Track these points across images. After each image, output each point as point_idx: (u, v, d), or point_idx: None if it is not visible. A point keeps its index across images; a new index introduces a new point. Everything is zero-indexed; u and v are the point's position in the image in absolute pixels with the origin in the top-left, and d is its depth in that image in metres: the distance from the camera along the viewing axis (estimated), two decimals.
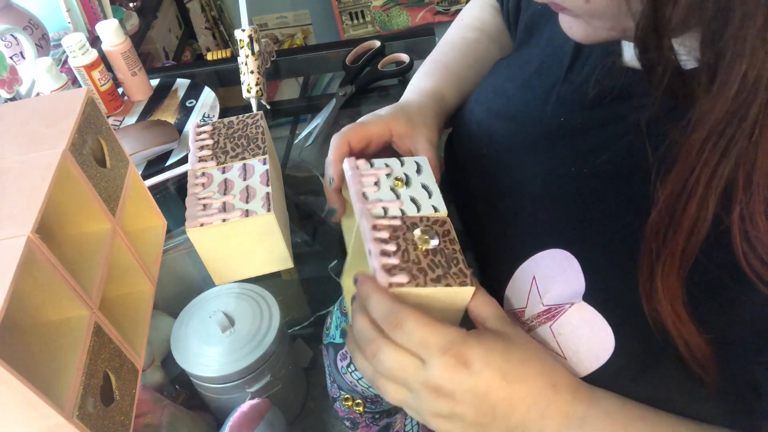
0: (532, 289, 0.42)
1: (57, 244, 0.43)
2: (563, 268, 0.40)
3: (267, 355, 0.50)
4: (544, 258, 0.41)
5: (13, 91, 0.81)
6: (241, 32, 0.78)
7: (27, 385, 0.31)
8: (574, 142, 0.43)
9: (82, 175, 0.42)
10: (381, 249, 0.43)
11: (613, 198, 0.39)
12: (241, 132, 0.60)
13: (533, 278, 0.42)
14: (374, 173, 0.50)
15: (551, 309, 0.40)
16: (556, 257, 0.40)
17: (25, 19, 0.94)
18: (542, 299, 0.40)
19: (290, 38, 1.88)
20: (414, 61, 0.85)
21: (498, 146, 0.50)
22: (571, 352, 0.39)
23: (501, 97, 0.52)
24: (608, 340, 0.37)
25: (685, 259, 0.33)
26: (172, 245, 0.64)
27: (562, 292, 0.39)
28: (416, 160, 0.53)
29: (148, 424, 0.49)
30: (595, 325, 0.37)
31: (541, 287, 0.41)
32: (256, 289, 0.54)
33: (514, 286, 0.43)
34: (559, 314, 0.39)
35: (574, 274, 0.39)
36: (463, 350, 0.36)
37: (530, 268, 0.42)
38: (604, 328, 0.37)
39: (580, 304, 0.38)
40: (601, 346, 0.37)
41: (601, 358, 0.37)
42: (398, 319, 0.37)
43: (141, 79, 0.86)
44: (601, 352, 0.37)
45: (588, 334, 0.38)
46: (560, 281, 0.40)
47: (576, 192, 0.42)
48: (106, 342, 0.41)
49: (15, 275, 0.32)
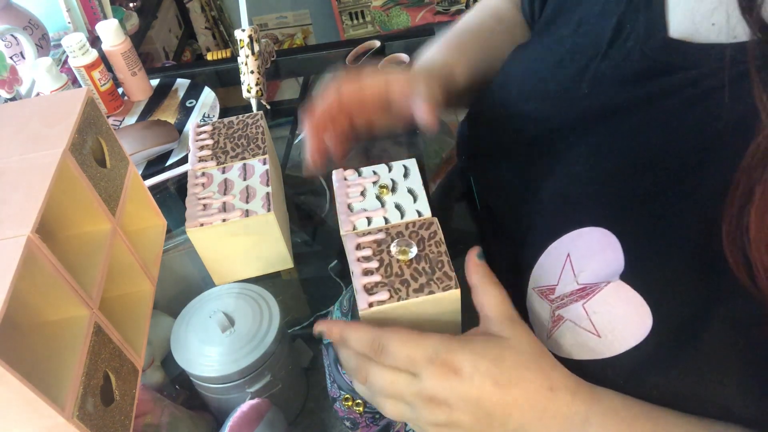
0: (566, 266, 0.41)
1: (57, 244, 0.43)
2: (602, 246, 0.39)
3: (267, 355, 0.50)
4: (582, 236, 0.40)
5: (13, 91, 0.81)
6: (241, 32, 0.78)
7: (27, 385, 0.31)
8: (618, 120, 0.42)
9: (82, 175, 0.42)
10: (362, 269, 0.43)
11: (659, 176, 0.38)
12: (241, 132, 0.60)
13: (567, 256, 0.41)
14: (360, 182, 0.51)
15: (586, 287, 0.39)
16: (595, 235, 0.39)
17: (25, 19, 0.94)
18: (577, 278, 0.40)
19: (290, 38, 1.88)
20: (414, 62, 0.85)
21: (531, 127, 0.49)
22: (606, 330, 0.38)
23: (531, 78, 0.50)
24: (646, 319, 0.36)
25: None
26: (172, 245, 0.64)
27: (599, 271, 0.39)
28: (404, 163, 0.53)
29: (148, 424, 0.49)
30: (632, 304, 0.37)
31: (576, 266, 0.40)
32: (256, 289, 0.54)
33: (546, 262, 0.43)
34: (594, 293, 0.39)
35: (613, 254, 0.38)
36: (449, 357, 0.36)
37: (564, 246, 0.41)
38: (642, 306, 0.36)
39: (617, 282, 0.37)
40: (638, 325, 0.37)
41: (637, 337, 0.37)
42: (380, 344, 0.38)
43: (141, 79, 0.86)
44: (638, 332, 0.37)
45: (624, 313, 0.37)
46: (598, 260, 0.39)
47: (619, 170, 0.41)
48: (106, 342, 0.41)
49: (15, 275, 0.32)
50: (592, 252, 0.39)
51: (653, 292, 0.37)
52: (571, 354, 0.40)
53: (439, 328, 0.47)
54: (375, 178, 0.51)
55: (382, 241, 0.45)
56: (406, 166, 0.52)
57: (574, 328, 0.40)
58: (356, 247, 0.45)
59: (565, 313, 0.40)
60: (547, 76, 0.49)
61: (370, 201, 0.49)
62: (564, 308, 0.40)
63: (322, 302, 0.58)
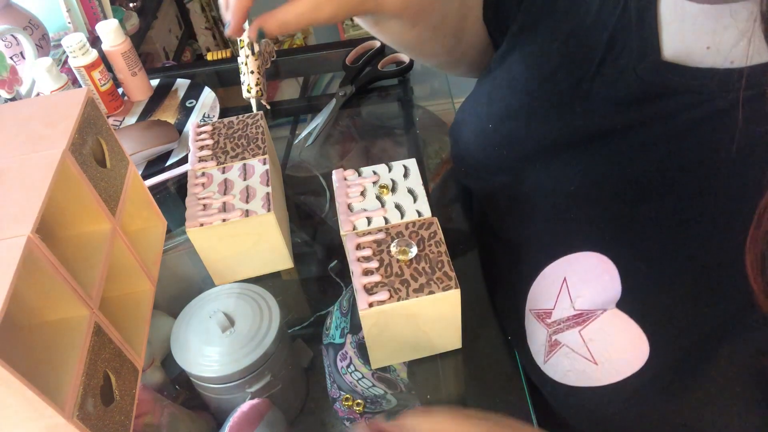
0: (563, 291, 0.40)
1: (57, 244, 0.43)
2: (598, 272, 0.38)
3: (267, 355, 0.50)
4: (579, 260, 0.40)
5: (13, 91, 0.81)
6: None
7: (27, 385, 0.31)
8: (615, 143, 0.41)
9: (82, 175, 0.42)
10: (362, 269, 0.43)
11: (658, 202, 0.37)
12: (241, 132, 0.60)
13: (564, 280, 0.40)
14: (360, 182, 0.51)
15: (582, 314, 0.39)
16: (592, 261, 0.39)
17: (25, 19, 0.94)
18: (573, 303, 0.39)
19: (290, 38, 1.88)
20: (414, 61, 0.85)
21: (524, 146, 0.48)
22: (603, 358, 0.38)
23: (519, 93, 0.49)
24: (642, 348, 0.36)
25: None
26: (172, 245, 0.64)
27: (596, 297, 0.38)
28: (404, 163, 0.53)
29: (148, 424, 0.49)
30: (629, 332, 0.36)
31: (573, 291, 0.40)
32: (256, 289, 0.54)
33: (542, 284, 0.42)
34: (591, 320, 0.38)
35: (610, 280, 0.38)
36: None
37: (561, 269, 0.41)
38: (638, 336, 0.36)
39: (613, 311, 0.37)
40: (635, 354, 0.36)
41: (634, 366, 0.36)
42: None
43: (141, 79, 0.86)
44: (635, 360, 0.36)
45: (621, 342, 0.37)
46: (595, 286, 0.38)
47: (615, 194, 0.40)
48: (106, 342, 0.41)
49: (15, 275, 0.32)
50: (588, 278, 0.39)
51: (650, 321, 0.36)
52: (568, 380, 0.40)
53: (439, 328, 0.47)
54: (375, 178, 0.51)
55: (382, 241, 0.45)
56: (406, 166, 0.52)
57: (571, 354, 0.39)
58: (356, 247, 0.45)
59: (561, 339, 0.40)
60: (536, 91, 0.47)
61: (370, 201, 0.49)
62: (560, 334, 0.40)
63: (322, 302, 0.58)
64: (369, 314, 0.43)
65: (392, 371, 0.51)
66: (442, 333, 0.47)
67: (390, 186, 0.50)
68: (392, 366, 0.51)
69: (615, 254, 0.38)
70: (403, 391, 0.50)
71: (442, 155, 0.76)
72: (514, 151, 0.48)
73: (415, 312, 0.43)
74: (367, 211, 0.48)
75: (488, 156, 0.51)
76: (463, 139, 0.55)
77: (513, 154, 0.49)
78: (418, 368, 0.51)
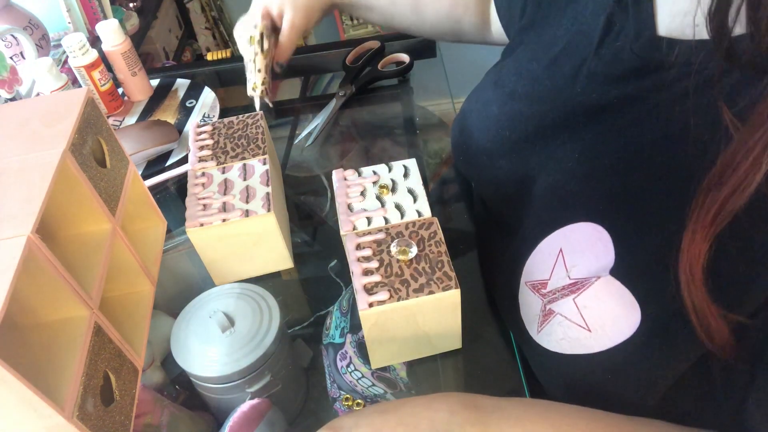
0: (558, 261, 0.41)
1: (57, 244, 0.43)
2: (593, 241, 0.39)
3: (267, 355, 0.50)
4: (574, 231, 0.41)
5: (13, 91, 0.81)
6: (252, 28, 0.76)
7: (27, 385, 0.31)
8: (610, 117, 0.42)
9: (82, 175, 0.42)
10: (362, 269, 0.43)
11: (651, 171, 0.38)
12: (241, 132, 0.60)
13: (560, 251, 0.41)
14: (360, 182, 0.51)
15: (577, 282, 0.40)
16: (587, 230, 0.40)
17: (25, 19, 0.94)
18: (569, 272, 0.40)
19: None
20: (414, 61, 0.85)
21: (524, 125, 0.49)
22: (596, 325, 0.38)
23: (525, 78, 0.50)
24: (635, 314, 0.37)
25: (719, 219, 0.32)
26: (172, 245, 0.64)
27: (590, 266, 0.39)
28: (404, 163, 0.53)
29: (148, 424, 0.49)
30: (622, 299, 0.37)
31: (569, 261, 0.40)
32: (256, 289, 0.54)
33: (538, 257, 0.43)
34: (584, 287, 0.39)
35: (603, 249, 0.38)
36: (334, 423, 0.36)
37: (557, 241, 0.42)
38: (631, 302, 0.37)
39: (606, 278, 0.38)
40: (627, 320, 0.37)
41: (625, 333, 0.37)
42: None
43: (141, 79, 0.86)
44: (626, 327, 0.37)
45: (614, 308, 0.37)
46: (589, 255, 0.39)
47: (611, 166, 0.41)
48: (106, 342, 0.41)
49: (15, 275, 0.32)
50: (583, 247, 0.40)
51: (641, 287, 0.37)
52: (561, 348, 0.41)
53: (439, 328, 0.47)
54: (375, 178, 0.51)
55: (382, 241, 0.45)
56: (406, 166, 0.52)
57: (565, 323, 0.40)
58: (356, 247, 0.45)
59: (555, 308, 0.41)
60: (541, 76, 0.49)
61: (370, 201, 0.49)
62: (555, 303, 0.41)
63: (322, 302, 0.58)
64: (369, 314, 0.43)
65: (392, 371, 0.51)
66: (442, 333, 0.47)
67: (390, 186, 0.50)
68: (392, 366, 0.51)
69: (610, 224, 0.39)
70: (403, 391, 0.50)
71: (442, 155, 0.76)
72: (516, 131, 0.49)
73: (415, 312, 0.43)
74: (367, 211, 0.48)
75: (491, 139, 0.52)
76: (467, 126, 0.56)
77: (515, 136, 0.49)
78: (418, 368, 0.51)
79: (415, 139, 0.78)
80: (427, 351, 0.50)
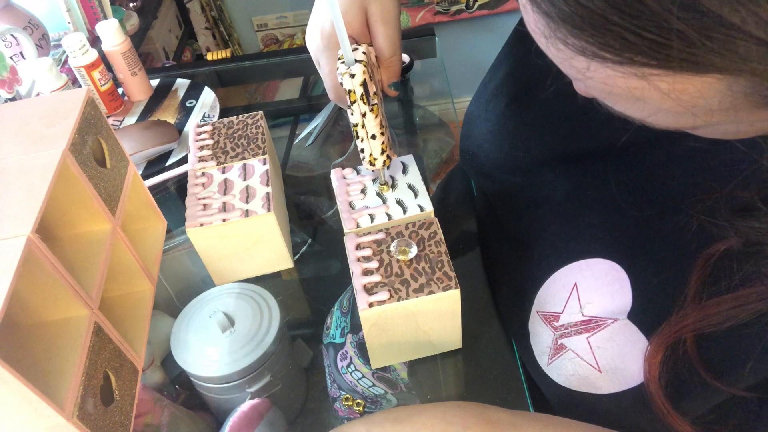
0: (572, 296, 0.40)
1: (57, 244, 0.43)
2: (610, 281, 0.38)
3: (267, 355, 0.50)
4: (590, 266, 0.40)
5: (13, 91, 0.81)
6: (348, 79, 0.43)
7: (27, 385, 0.31)
8: (640, 154, 0.40)
9: (82, 175, 0.42)
10: (362, 269, 0.43)
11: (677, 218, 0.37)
12: (241, 132, 0.60)
13: (575, 285, 0.40)
14: (360, 180, 0.50)
15: (591, 320, 0.39)
16: (604, 268, 0.39)
17: (25, 19, 0.94)
18: (582, 309, 0.39)
19: (290, 38, 1.88)
20: (414, 61, 0.85)
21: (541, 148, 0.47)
22: (608, 367, 0.37)
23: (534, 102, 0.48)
24: None
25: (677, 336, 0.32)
26: (172, 245, 0.64)
27: (606, 306, 0.38)
28: (402, 160, 0.53)
29: (148, 424, 0.49)
30: (637, 345, 0.36)
31: (583, 297, 0.39)
32: (256, 289, 0.54)
33: (551, 289, 0.42)
34: (600, 328, 0.38)
35: (621, 290, 0.37)
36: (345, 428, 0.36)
37: (572, 274, 0.41)
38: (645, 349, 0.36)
39: (624, 321, 0.37)
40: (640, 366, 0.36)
41: (637, 378, 0.36)
42: None
43: (141, 79, 0.86)
44: (639, 373, 0.36)
45: (629, 353, 0.36)
46: (605, 294, 0.38)
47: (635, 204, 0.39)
48: (106, 342, 0.41)
49: (15, 275, 0.32)
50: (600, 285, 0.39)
51: None
52: (569, 384, 0.40)
53: (439, 328, 0.47)
54: (374, 175, 0.51)
55: (382, 241, 0.45)
56: (404, 163, 0.52)
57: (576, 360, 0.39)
58: (356, 247, 0.45)
59: (567, 343, 0.40)
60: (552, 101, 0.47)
61: (371, 198, 0.49)
62: (567, 338, 0.40)
63: (322, 302, 0.58)
64: (369, 314, 0.43)
65: (392, 371, 0.51)
66: (442, 333, 0.47)
67: (390, 183, 0.50)
68: (392, 366, 0.51)
69: (629, 264, 0.38)
70: (403, 391, 0.50)
71: (442, 155, 0.76)
72: (532, 155, 0.48)
73: (415, 312, 0.43)
74: (369, 208, 0.48)
75: (504, 156, 0.51)
76: (476, 135, 0.54)
77: (530, 158, 0.48)
78: (418, 368, 0.51)
79: (415, 139, 0.78)
80: (427, 351, 0.50)
